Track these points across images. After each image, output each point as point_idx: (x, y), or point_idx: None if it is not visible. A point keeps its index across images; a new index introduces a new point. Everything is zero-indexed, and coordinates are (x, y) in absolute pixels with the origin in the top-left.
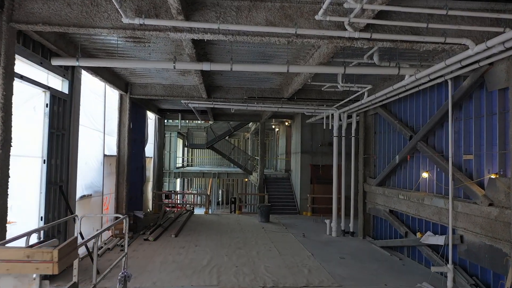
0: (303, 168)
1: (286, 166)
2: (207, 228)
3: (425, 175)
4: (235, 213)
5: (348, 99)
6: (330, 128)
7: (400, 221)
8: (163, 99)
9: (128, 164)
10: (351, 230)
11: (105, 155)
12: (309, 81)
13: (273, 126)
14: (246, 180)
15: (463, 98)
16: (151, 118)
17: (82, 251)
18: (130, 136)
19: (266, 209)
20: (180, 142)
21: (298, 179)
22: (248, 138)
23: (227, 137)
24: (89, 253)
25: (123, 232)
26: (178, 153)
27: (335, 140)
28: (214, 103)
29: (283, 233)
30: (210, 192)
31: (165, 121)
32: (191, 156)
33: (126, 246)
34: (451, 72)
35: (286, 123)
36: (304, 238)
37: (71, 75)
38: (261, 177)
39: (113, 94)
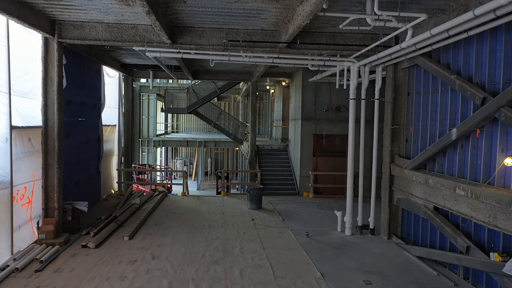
0: (304, 138)
1: (282, 134)
2: (178, 220)
3: (509, 161)
4: (220, 193)
5: (378, 42)
6: (344, 88)
7: (454, 227)
8: (114, 46)
9: (61, 138)
10: (371, 226)
11: (13, 127)
12: (324, 8)
13: (268, 87)
14: (237, 149)
15: None
16: (112, 76)
17: None
18: (62, 98)
19: (257, 193)
20: (160, 106)
21: (297, 152)
22: (239, 101)
23: (216, 99)
24: None
25: (53, 236)
26: (158, 118)
27: (351, 104)
28: (181, 51)
29: (279, 229)
30: (196, 163)
31: (144, 80)
32: (176, 121)
33: None
34: None
35: (283, 83)
36: (308, 239)
37: None
38: (253, 148)
39: (34, 38)
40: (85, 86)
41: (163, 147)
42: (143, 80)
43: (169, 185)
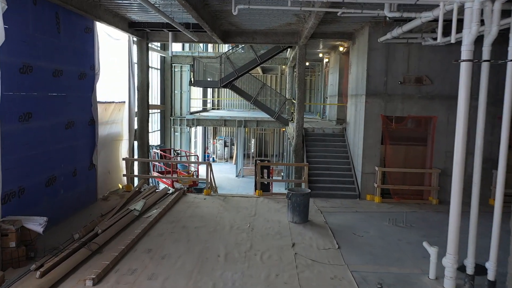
0: (370, 121)
1: (338, 115)
2: (184, 243)
3: None
4: (255, 191)
5: None
6: (444, 44)
7: None
8: None
9: None
10: (490, 276)
11: None
12: None
13: (321, 55)
14: (283, 130)
15: None
16: (118, 38)
17: None
18: None
19: (301, 201)
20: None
21: (359, 139)
22: (286, 74)
23: (261, 72)
24: None
25: None
26: (194, 93)
27: (465, 68)
28: None
29: (333, 267)
30: (236, 147)
31: (178, 49)
32: (218, 97)
33: None
34: None
35: (341, 48)
36: None
37: None
38: (299, 133)
39: None
40: (62, 48)
41: (197, 127)
42: (176, 48)
43: (195, 177)
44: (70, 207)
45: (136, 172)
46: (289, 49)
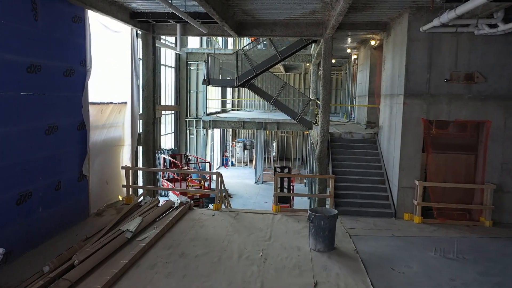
0: (408, 126)
1: (369, 117)
2: (180, 279)
3: None
4: (279, 200)
5: None
6: (502, 33)
7: None
8: None
9: None
10: None
11: None
12: None
13: (348, 50)
14: (307, 132)
15: None
16: (117, 30)
17: None
18: None
19: (326, 225)
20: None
21: (395, 147)
22: (310, 72)
23: (283, 71)
24: None
25: None
26: (212, 93)
27: None
28: None
29: None
30: (256, 151)
31: (195, 45)
32: (238, 97)
33: None
34: None
35: (372, 42)
36: None
37: None
38: (324, 138)
39: None
40: (40, 39)
41: (214, 129)
42: (192, 45)
43: (203, 189)
44: (52, 227)
45: (140, 181)
46: (313, 45)
